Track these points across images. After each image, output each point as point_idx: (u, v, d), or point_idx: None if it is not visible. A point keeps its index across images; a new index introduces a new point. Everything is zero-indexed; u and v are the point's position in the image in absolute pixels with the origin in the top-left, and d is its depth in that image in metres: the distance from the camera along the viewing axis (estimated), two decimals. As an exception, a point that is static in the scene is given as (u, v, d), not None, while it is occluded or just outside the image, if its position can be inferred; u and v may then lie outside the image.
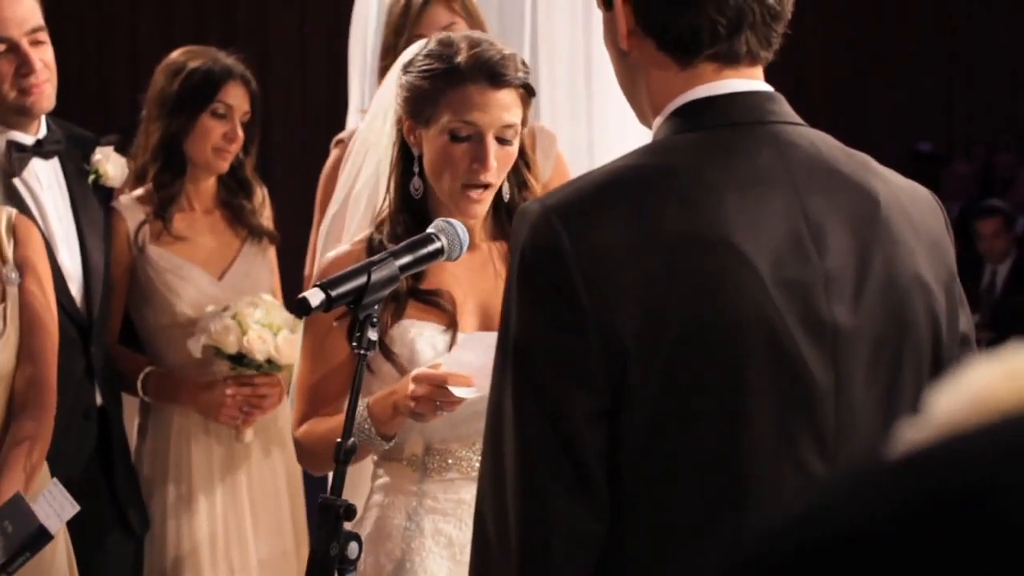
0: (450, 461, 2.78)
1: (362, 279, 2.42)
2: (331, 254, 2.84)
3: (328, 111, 4.69)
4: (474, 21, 3.72)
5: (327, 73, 4.78)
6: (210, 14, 7.52)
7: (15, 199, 3.59)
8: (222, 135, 3.89)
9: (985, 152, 11.97)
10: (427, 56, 2.75)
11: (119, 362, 3.89)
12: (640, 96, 1.91)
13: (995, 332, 8.33)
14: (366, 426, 2.68)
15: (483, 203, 2.74)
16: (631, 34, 1.86)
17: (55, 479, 3.10)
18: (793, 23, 1.91)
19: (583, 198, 1.79)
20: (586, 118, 4.23)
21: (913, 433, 0.65)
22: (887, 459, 0.53)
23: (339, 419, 2.61)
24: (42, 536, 2.88)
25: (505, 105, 2.71)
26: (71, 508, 2.94)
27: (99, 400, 3.72)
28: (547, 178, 3.58)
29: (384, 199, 2.83)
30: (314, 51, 6.28)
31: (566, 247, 1.74)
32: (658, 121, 1.88)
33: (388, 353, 2.75)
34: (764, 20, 1.85)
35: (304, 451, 2.82)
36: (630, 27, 1.86)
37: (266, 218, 4.07)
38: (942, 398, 0.74)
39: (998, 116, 12.29)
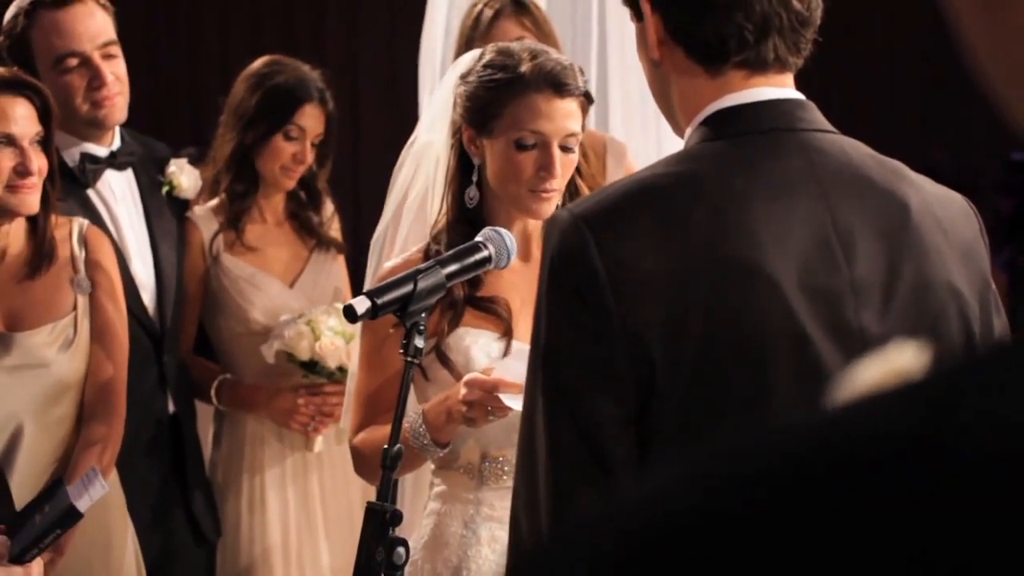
0: (507, 469, 2.80)
1: (408, 287, 2.44)
2: (389, 263, 2.88)
3: (414, 128, 4.74)
4: (544, 36, 3.74)
5: (414, 90, 4.84)
6: (300, 26, 7.60)
7: (89, 210, 3.67)
8: (291, 156, 3.93)
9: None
10: (487, 66, 2.77)
11: (193, 371, 3.95)
12: (672, 105, 1.92)
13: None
14: (422, 432, 2.71)
15: (551, 202, 2.76)
16: (661, 43, 1.87)
17: (94, 467, 3.17)
18: (878, 28, 1.91)
19: (611, 206, 1.80)
20: (655, 129, 4.23)
21: None
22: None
23: None
24: (72, 515, 2.95)
25: (569, 114, 2.74)
26: (102, 489, 3.01)
27: (172, 408, 3.78)
28: None
29: (440, 208, 2.86)
30: (402, 61, 6.33)
31: (593, 254, 1.76)
32: (689, 130, 1.88)
33: (444, 359, 2.77)
34: (792, 26, 1.85)
35: (359, 459, 2.85)
36: (660, 36, 1.87)
37: (334, 230, 4.11)
38: (833, 394, 0.75)
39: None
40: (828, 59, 1.95)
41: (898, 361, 0.72)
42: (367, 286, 2.96)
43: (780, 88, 1.86)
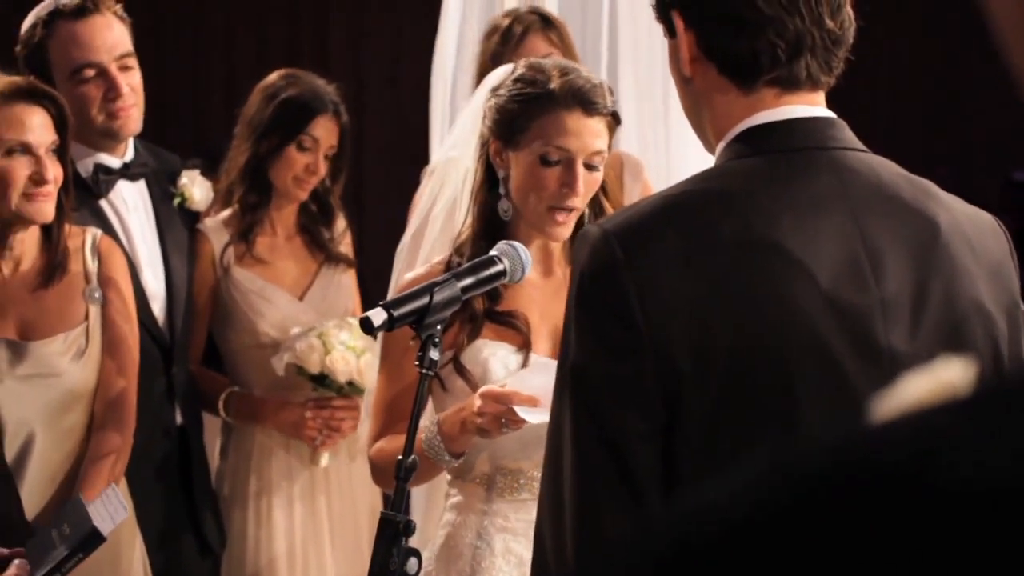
0: (521, 481, 2.80)
1: (424, 300, 2.45)
2: (409, 275, 2.89)
3: (420, 139, 4.73)
4: (569, 52, 3.76)
5: (420, 101, 4.84)
6: (304, 39, 7.61)
7: (101, 220, 3.67)
8: (304, 167, 3.94)
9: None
10: (518, 80, 2.79)
11: (202, 382, 3.95)
12: (703, 122, 1.92)
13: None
14: (436, 442, 2.71)
15: (567, 225, 2.77)
16: (694, 60, 1.88)
17: (113, 484, 3.16)
18: (884, 46, 1.92)
19: (641, 221, 1.80)
20: (665, 147, 4.24)
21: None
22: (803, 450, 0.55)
23: None
24: (95, 538, 2.93)
25: (596, 132, 2.75)
26: (123, 512, 2.99)
27: (180, 419, 3.78)
28: None
29: (465, 220, 2.87)
30: (407, 78, 6.33)
31: (623, 270, 1.76)
32: (720, 147, 1.89)
33: (462, 371, 2.79)
34: (824, 45, 1.86)
35: (376, 468, 2.86)
36: (692, 53, 1.88)
37: (345, 245, 4.11)
38: (877, 410, 0.76)
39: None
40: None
41: (945, 376, 0.72)
42: (390, 295, 2.97)
43: (812, 106, 1.87)
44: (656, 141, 4.29)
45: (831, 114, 1.89)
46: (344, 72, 6.63)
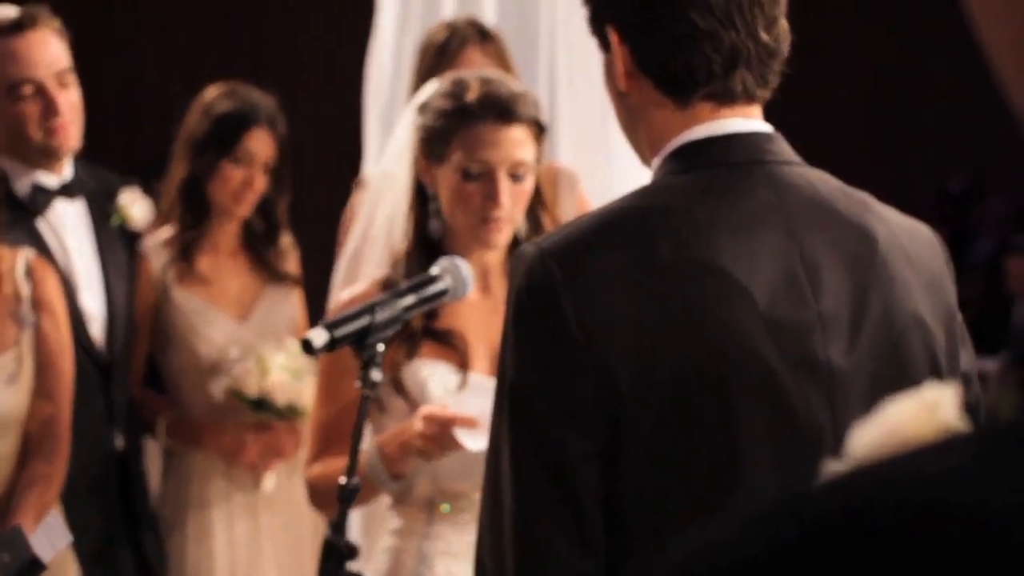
0: (463, 503, 2.78)
1: (365, 319, 2.42)
2: (346, 293, 2.86)
3: (352, 153, 4.70)
4: (505, 65, 3.74)
5: (352, 114, 4.82)
6: (240, 53, 7.57)
7: (39, 240, 3.62)
8: (241, 181, 3.90)
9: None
10: (440, 96, 2.77)
11: (142, 405, 3.90)
12: (639, 137, 1.91)
13: (1026, 371, 8.26)
14: (376, 465, 2.69)
15: (502, 233, 2.75)
16: (629, 75, 1.87)
17: (54, 511, 3.11)
18: (819, 51, 1.92)
19: (578, 240, 1.79)
20: (605, 161, 4.23)
21: (835, 466, 0.66)
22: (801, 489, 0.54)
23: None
24: (35, 566, 2.88)
25: (516, 142, 2.72)
26: (65, 539, 2.94)
27: (120, 442, 3.73)
28: (569, 219, 3.58)
29: (403, 237, 2.85)
30: (340, 91, 6.30)
31: (560, 289, 1.75)
32: (656, 162, 1.88)
33: (400, 390, 2.76)
34: (760, 58, 1.85)
35: (314, 491, 2.83)
36: (628, 68, 1.87)
37: (292, 263, 4.08)
38: (862, 433, 0.75)
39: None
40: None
41: (931, 399, 0.72)
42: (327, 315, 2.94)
43: (748, 120, 1.86)
44: (596, 155, 4.28)
45: (768, 127, 1.88)
46: (281, 83, 6.59)
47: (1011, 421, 0.50)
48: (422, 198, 2.82)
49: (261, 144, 3.91)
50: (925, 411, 0.71)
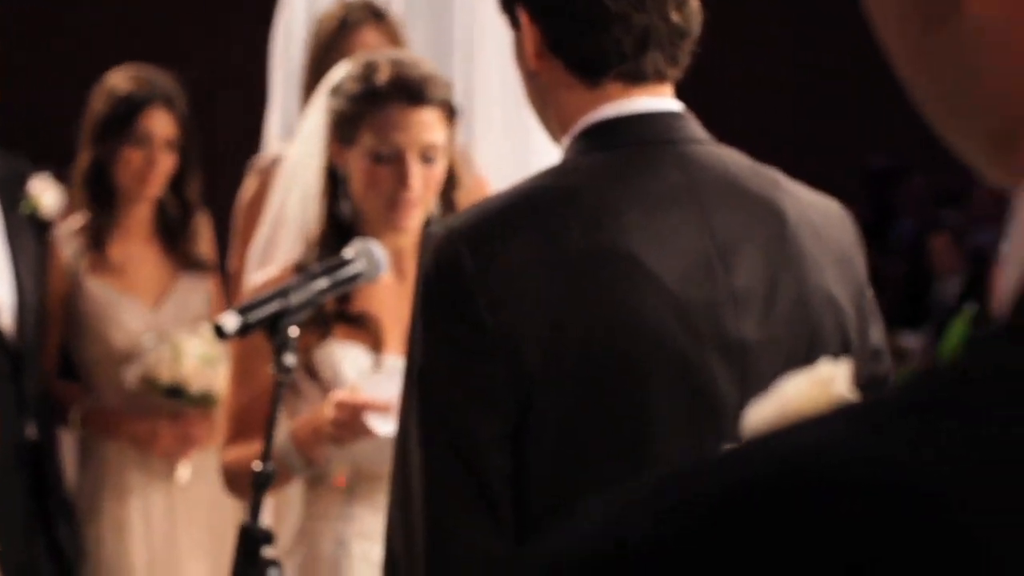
0: (379, 485, 2.76)
1: (279, 303, 2.40)
2: (259, 277, 2.84)
3: (241, 135, 4.65)
4: (399, 44, 3.71)
5: (239, 95, 4.79)
6: (149, 32, 7.48)
7: (-57, 230, 3.56)
8: (142, 163, 3.85)
9: (943, 165, 11.94)
10: (351, 79, 2.75)
11: (55, 394, 3.85)
12: (549, 116, 1.91)
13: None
14: (290, 450, 2.67)
15: (412, 217, 2.73)
16: (539, 55, 1.87)
17: None
18: (734, 36, 1.92)
19: (486, 220, 1.79)
20: (524, 146, 4.21)
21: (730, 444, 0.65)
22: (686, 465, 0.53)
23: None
24: None
25: (426, 124, 2.70)
26: None
27: (32, 432, 3.68)
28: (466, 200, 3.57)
29: (316, 220, 2.83)
30: (224, 69, 6.24)
31: (469, 270, 1.74)
32: (566, 141, 1.88)
33: (313, 374, 2.74)
34: (670, 39, 1.85)
35: (229, 477, 2.80)
36: (538, 48, 1.87)
37: (206, 245, 4.03)
38: (756, 410, 0.74)
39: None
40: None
41: (824, 375, 0.72)
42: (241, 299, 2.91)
43: (658, 98, 1.86)
44: (514, 136, 4.26)
45: (678, 106, 1.88)
46: (195, 61, 6.52)
47: (895, 390, 0.50)
48: (334, 181, 2.80)
49: (159, 123, 3.86)
50: (818, 386, 0.71)
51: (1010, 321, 0.50)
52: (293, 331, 2.41)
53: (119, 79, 3.89)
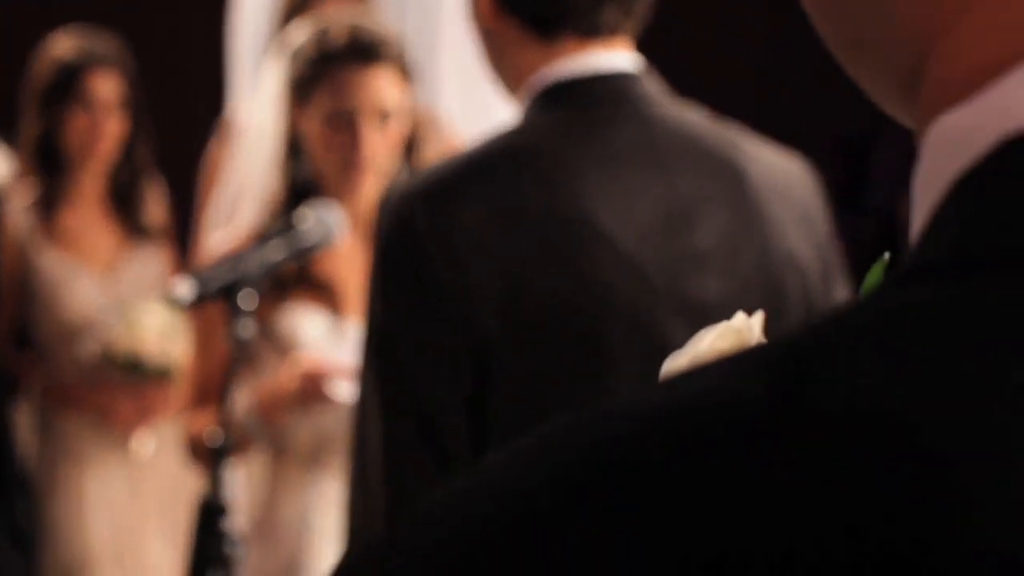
0: (341, 452, 2.74)
1: (235, 270, 2.37)
2: (217, 241, 2.81)
3: (204, 95, 4.59)
4: (368, 6, 3.67)
5: (202, 55, 4.72)
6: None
7: None
8: (88, 126, 3.79)
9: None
10: (307, 42, 2.73)
11: (10, 367, 3.80)
12: (506, 74, 1.90)
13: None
14: (252, 418, 2.64)
15: (367, 177, 2.70)
16: (495, 13, 1.85)
17: None
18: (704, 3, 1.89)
19: (443, 181, 1.76)
20: (489, 97, 4.18)
21: None
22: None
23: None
24: None
25: (379, 86, 2.68)
26: None
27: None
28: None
29: (275, 184, 2.80)
30: (187, 30, 6.14)
31: (425, 231, 1.72)
32: (524, 99, 1.86)
33: (272, 338, 2.71)
34: None
35: (189, 446, 2.78)
36: (493, 6, 1.84)
37: (159, 211, 3.97)
38: (671, 363, 0.72)
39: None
40: (651, 34, 1.93)
41: (739, 325, 0.69)
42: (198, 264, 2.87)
43: (615, 53, 1.84)
44: (479, 94, 4.23)
45: (637, 62, 1.85)
46: (155, 27, 6.45)
47: (796, 331, 0.47)
48: (293, 146, 2.77)
49: (104, 85, 3.80)
50: (733, 337, 0.68)
51: (911, 263, 0.48)
52: (250, 299, 2.38)
53: (61, 43, 3.83)
